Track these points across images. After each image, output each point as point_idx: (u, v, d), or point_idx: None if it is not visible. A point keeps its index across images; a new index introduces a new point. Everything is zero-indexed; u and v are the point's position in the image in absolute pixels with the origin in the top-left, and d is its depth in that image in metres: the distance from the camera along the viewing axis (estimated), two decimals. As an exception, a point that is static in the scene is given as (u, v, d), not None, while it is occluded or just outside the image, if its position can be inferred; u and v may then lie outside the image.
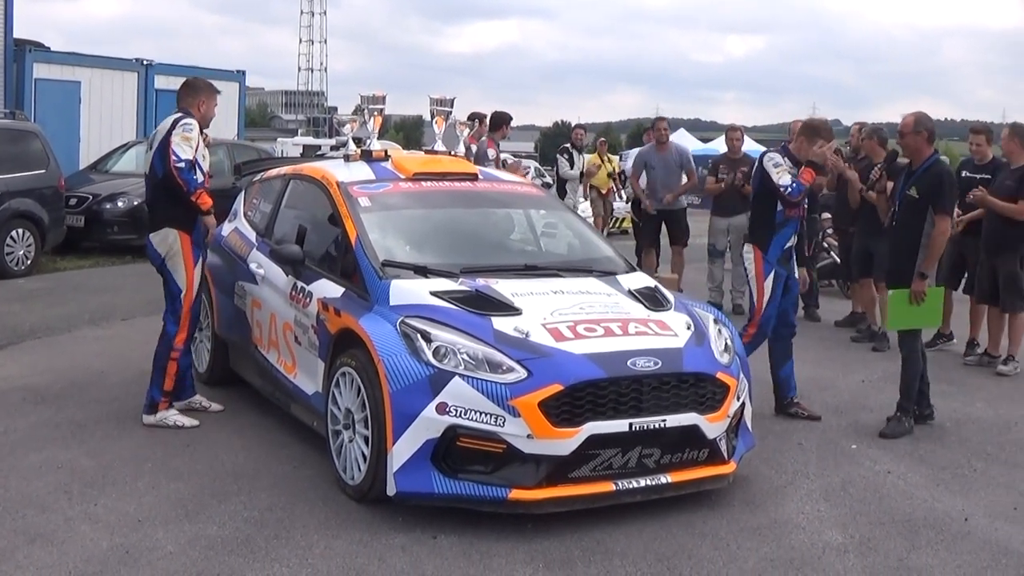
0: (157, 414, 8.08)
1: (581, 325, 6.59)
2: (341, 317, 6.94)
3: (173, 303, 8.16)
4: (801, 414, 8.82)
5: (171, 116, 8.16)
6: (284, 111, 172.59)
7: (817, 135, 8.78)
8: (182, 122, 8.02)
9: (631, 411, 6.27)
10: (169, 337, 8.14)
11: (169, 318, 8.17)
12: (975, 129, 12.00)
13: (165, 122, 8.13)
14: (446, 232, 8.06)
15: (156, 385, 8.10)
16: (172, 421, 8.06)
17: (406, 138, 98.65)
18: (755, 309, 8.85)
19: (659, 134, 14.97)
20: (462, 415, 6.06)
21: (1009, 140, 11.12)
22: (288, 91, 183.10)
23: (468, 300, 6.76)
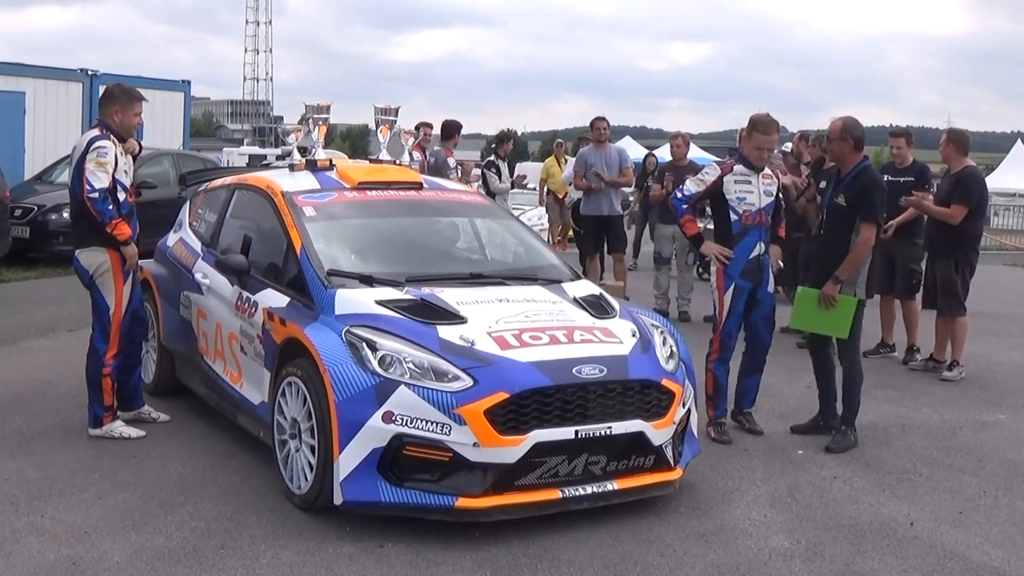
0: (103, 427, 8.01)
1: (526, 333, 6.61)
2: (286, 327, 6.92)
3: (101, 320, 8.03)
4: (744, 425, 8.82)
5: (88, 132, 8.01)
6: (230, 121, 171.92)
7: (753, 129, 8.62)
8: (95, 145, 7.80)
9: (577, 418, 6.28)
10: (99, 354, 8.03)
11: (97, 336, 8.04)
12: (896, 133, 12.15)
13: (82, 139, 7.96)
14: (391, 241, 8.06)
15: (96, 402, 8.02)
16: (118, 433, 7.99)
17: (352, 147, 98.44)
18: (716, 322, 8.77)
19: (597, 133, 15.01)
20: (408, 424, 6.06)
21: (946, 146, 11.20)
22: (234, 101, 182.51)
23: (413, 309, 6.76)
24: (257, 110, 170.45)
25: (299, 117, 9.29)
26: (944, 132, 11.51)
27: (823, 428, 8.66)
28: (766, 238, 8.67)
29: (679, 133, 15.23)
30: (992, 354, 12.68)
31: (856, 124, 8.46)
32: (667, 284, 14.73)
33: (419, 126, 14.47)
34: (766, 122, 8.62)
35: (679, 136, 15.08)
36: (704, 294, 14.11)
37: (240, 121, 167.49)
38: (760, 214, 8.59)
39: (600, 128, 15.00)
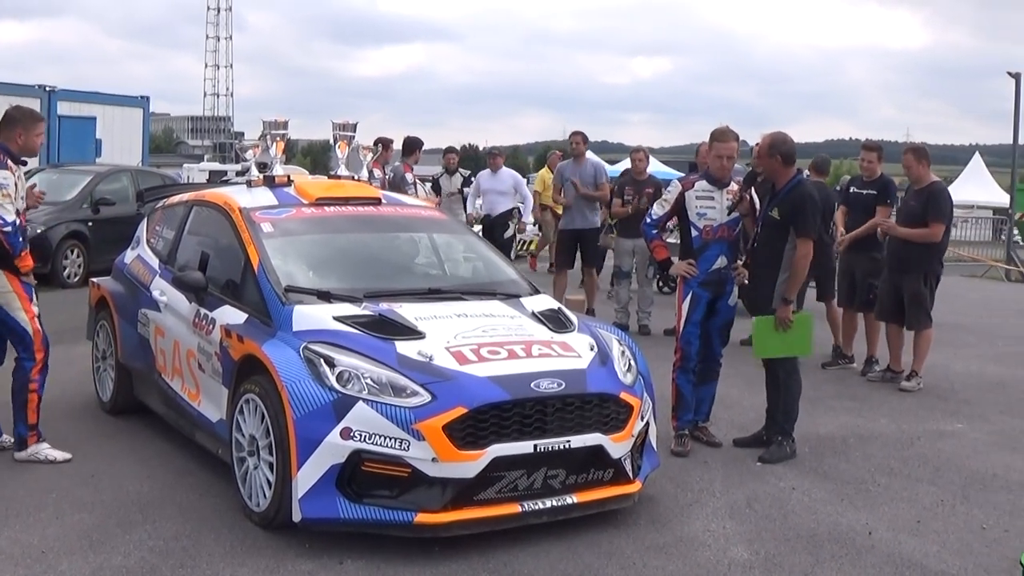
0: (28, 449, 7.91)
1: (485, 348, 6.63)
2: (244, 343, 6.91)
3: (22, 340, 7.93)
4: (701, 438, 8.84)
5: None
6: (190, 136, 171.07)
7: (713, 140, 8.71)
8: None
9: (536, 432, 6.30)
10: (25, 371, 7.93)
11: (22, 354, 7.96)
12: (868, 146, 12.18)
13: None
14: (349, 257, 8.06)
15: (20, 421, 7.92)
16: (44, 455, 7.88)
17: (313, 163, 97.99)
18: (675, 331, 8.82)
19: (574, 148, 15.06)
20: (366, 440, 6.06)
21: (918, 163, 11.12)
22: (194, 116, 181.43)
23: (371, 324, 6.76)
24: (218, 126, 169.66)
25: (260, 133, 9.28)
26: (909, 148, 11.47)
27: (767, 442, 8.66)
28: (730, 252, 8.70)
29: (640, 148, 15.30)
30: (950, 364, 12.77)
31: (784, 140, 8.48)
32: (627, 298, 14.75)
33: (378, 142, 14.45)
34: (722, 131, 8.72)
35: (641, 150, 15.14)
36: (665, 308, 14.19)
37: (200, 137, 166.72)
38: (723, 229, 8.62)
39: (575, 142, 15.03)
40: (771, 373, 8.67)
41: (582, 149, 15.02)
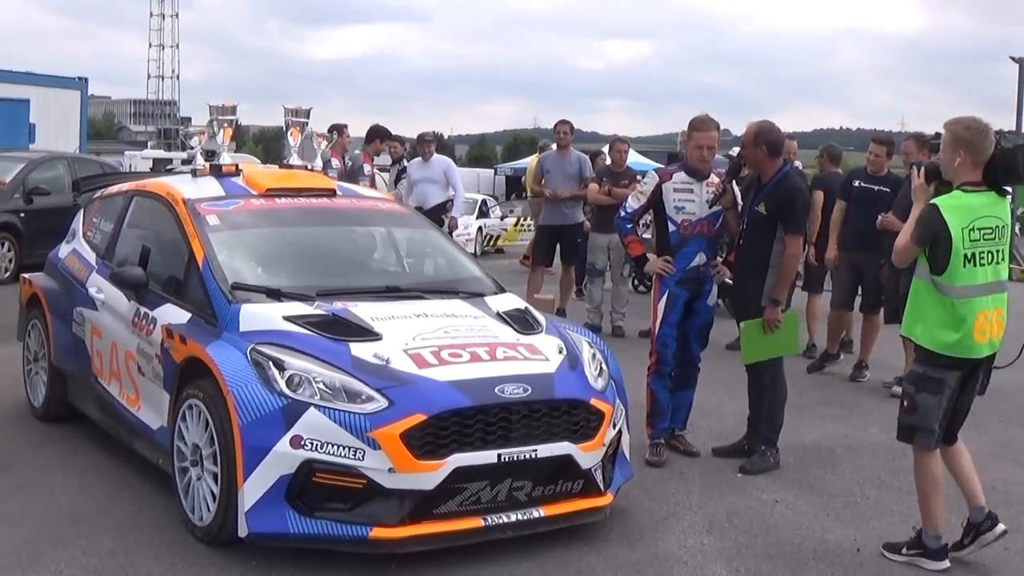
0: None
1: (446, 350, 6.65)
2: (187, 345, 6.91)
3: None
4: (678, 447, 8.88)
5: None
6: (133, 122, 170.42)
7: (692, 129, 8.73)
8: None
9: (500, 441, 6.33)
10: None
11: None
12: (879, 140, 12.18)
13: None
14: (301, 252, 8.08)
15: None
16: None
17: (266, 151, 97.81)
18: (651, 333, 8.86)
19: (559, 137, 15.10)
20: (318, 448, 6.07)
21: (918, 152, 11.21)
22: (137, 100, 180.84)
23: (324, 325, 6.77)
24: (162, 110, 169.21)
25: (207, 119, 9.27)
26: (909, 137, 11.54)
27: (748, 452, 8.69)
28: (709, 249, 8.74)
29: (624, 139, 15.38)
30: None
31: (770, 128, 8.51)
32: (600, 297, 14.80)
33: (332, 128, 14.44)
34: (702, 119, 8.73)
35: (624, 142, 15.20)
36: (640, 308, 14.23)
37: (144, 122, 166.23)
38: (702, 224, 8.65)
39: (562, 132, 15.04)
40: (754, 378, 8.71)
41: (569, 140, 15.07)
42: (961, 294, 6.47)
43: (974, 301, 6.47)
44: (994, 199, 6.59)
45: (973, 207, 6.48)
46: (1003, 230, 6.60)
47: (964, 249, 6.43)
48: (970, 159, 6.51)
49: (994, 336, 6.60)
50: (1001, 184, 6.62)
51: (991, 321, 6.55)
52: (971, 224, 6.44)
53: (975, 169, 6.52)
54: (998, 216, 6.58)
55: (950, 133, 6.60)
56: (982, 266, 6.49)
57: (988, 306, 6.52)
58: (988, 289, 6.53)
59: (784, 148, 8.71)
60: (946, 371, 6.55)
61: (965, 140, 6.53)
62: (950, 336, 6.47)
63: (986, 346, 6.58)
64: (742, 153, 8.90)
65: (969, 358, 6.56)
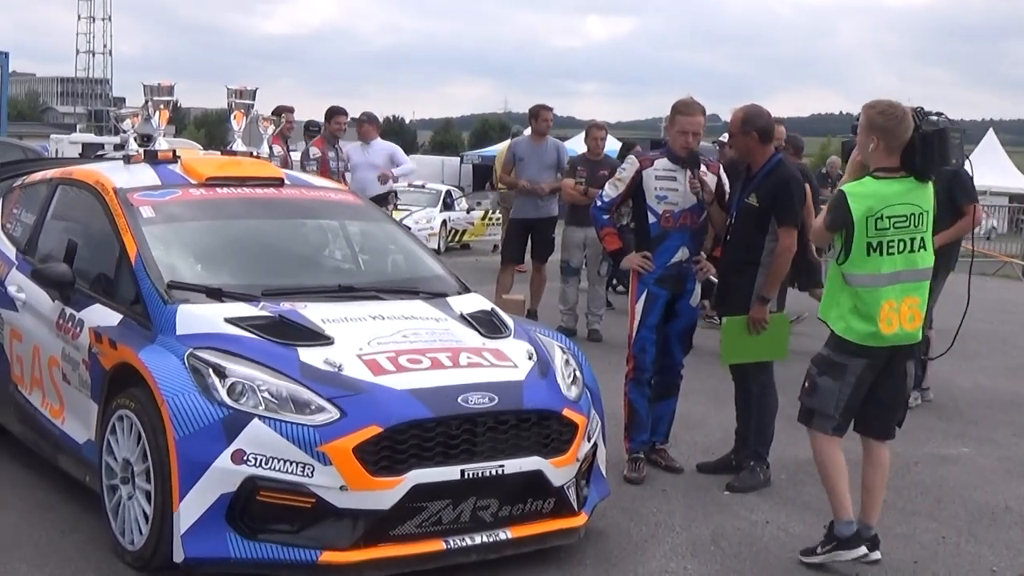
0: None
1: (404, 356, 6.66)
2: (117, 350, 6.88)
3: None
4: (659, 463, 8.90)
5: None
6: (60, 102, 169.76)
7: (676, 113, 8.69)
8: None
9: (463, 456, 6.34)
10: None
11: None
12: None
13: None
14: (245, 248, 8.09)
15: None
16: None
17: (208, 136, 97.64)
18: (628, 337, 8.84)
19: (542, 124, 15.07)
20: (263, 464, 6.07)
21: None
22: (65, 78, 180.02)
23: (270, 328, 6.77)
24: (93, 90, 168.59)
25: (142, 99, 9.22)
26: None
27: (736, 468, 8.72)
28: (692, 243, 8.73)
29: (602, 124, 15.35)
30: (954, 378, 12.89)
31: (759, 113, 8.54)
32: (575, 298, 14.81)
33: (278, 111, 14.38)
34: (687, 102, 8.71)
35: (601, 128, 15.18)
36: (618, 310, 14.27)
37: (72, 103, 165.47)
38: (686, 215, 8.63)
39: (545, 118, 15.06)
40: (742, 387, 8.74)
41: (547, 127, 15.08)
42: (863, 283, 6.74)
43: (878, 291, 6.73)
44: (911, 185, 6.80)
45: (883, 195, 6.72)
46: (920, 217, 6.81)
47: (868, 238, 6.68)
48: (883, 145, 6.75)
49: (907, 326, 6.83)
50: (919, 170, 6.81)
51: (899, 311, 6.78)
52: (878, 212, 6.68)
53: (889, 155, 6.76)
54: (915, 203, 6.80)
55: (865, 117, 6.83)
56: (890, 255, 6.73)
57: (895, 296, 6.76)
58: (895, 279, 6.77)
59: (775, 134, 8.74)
60: (850, 357, 6.83)
61: (879, 126, 6.76)
62: (859, 324, 6.76)
63: (895, 336, 6.81)
64: (729, 141, 8.91)
65: (876, 347, 6.80)
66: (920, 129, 6.74)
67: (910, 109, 6.80)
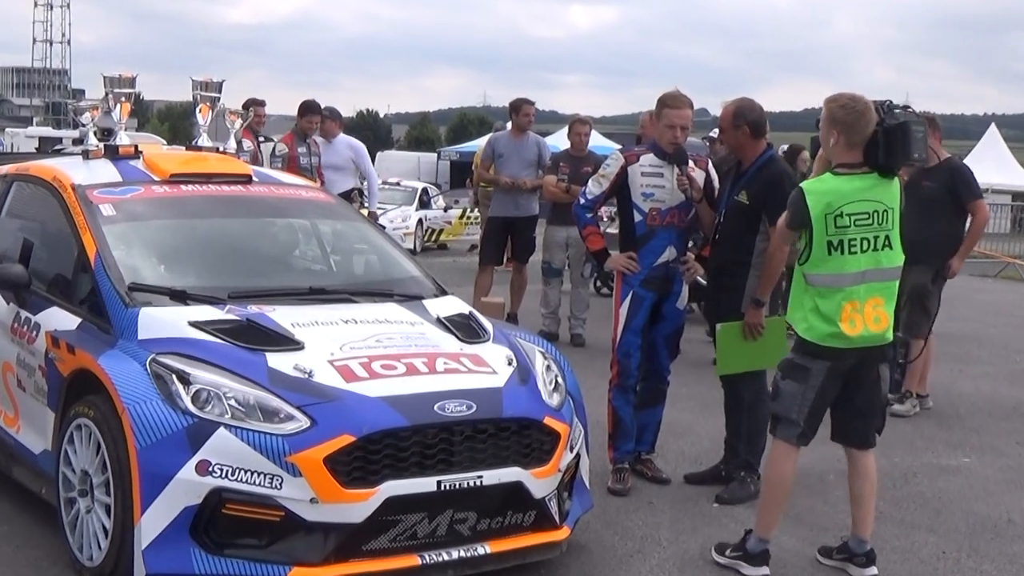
0: None
1: (378, 362, 6.66)
2: (76, 355, 6.86)
3: None
4: (645, 473, 8.90)
5: None
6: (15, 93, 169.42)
7: (663, 106, 8.67)
8: None
9: (440, 466, 6.34)
10: None
11: None
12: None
13: None
14: (211, 248, 8.09)
15: None
16: None
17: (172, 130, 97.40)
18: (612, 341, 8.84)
19: (524, 120, 15.10)
20: (229, 475, 6.05)
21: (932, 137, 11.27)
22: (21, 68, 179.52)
23: (237, 332, 6.76)
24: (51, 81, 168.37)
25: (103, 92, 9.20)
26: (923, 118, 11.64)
27: (726, 479, 8.72)
28: (679, 243, 8.74)
29: (586, 119, 15.36)
30: (954, 384, 12.94)
31: (751, 106, 8.55)
32: (557, 301, 14.82)
33: (248, 105, 14.35)
34: (675, 95, 8.71)
35: (585, 123, 15.18)
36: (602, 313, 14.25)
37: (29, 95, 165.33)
38: (673, 213, 8.63)
39: (528, 114, 15.08)
40: (733, 394, 8.74)
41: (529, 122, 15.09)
42: (825, 283, 6.80)
43: (841, 291, 6.79)
44: (874, 182, 6.87)
45: (843, 191, 6.79)
46: (885, 214, 6.88)
47: (828, 236, 6.75)
48: (844, 140, 6.82)
49: (872, 327, 6.88)
50: (882, 166, 6.87)
51: (863, 312, 6.82)
52: (838, 210, 6.74)
53: (851, 150, 6.83)
54: (878, 200, 6.87)
55: (827, 111, 6.90)
56: (853, 254, 6.79)
57: (859, 296, 6.81)
58: (861, 278, 6.82)
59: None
60: (813, 360, 6.87)
61: (839, 120, 6.83)
62: (820, 324, 6.81)
63: (860, 338, 6.84)
64: (720, 137, 8.91)
65: (839, 349, 6.84)
66: (884, 123, 6.78)
67: (873, 103, 6.84)
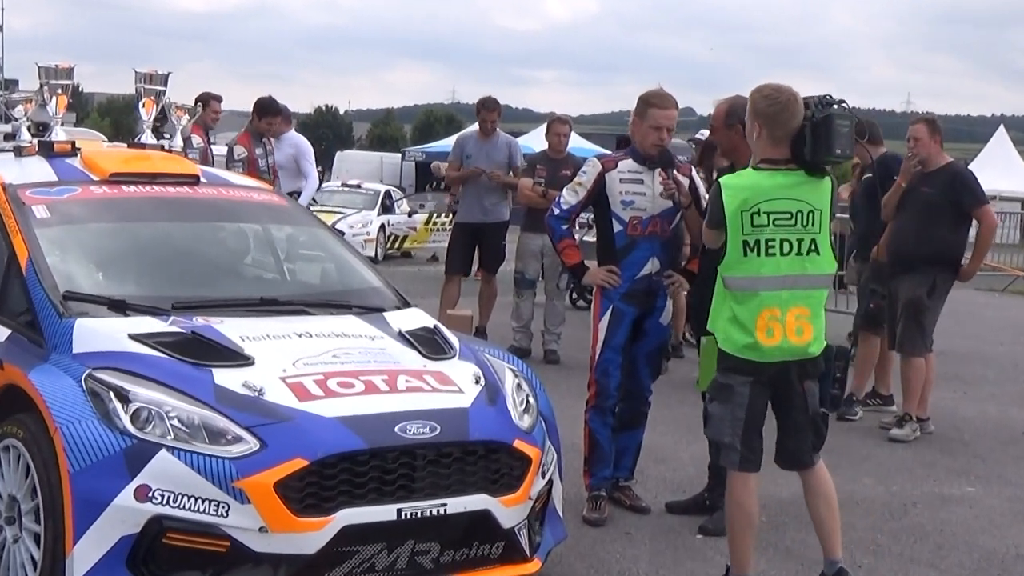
0: None
1: (334, 379, 6.64)
2: (4, 370, 6.83)
3: None
4: (623, 501, 8.91)
5: None
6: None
7: (647, 105, 8.64)
8: None
9: (400, 493, 6.32)
10: None
11: None
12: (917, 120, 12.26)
13: None
14: (154, 254, 8.07)
15: None
16: None
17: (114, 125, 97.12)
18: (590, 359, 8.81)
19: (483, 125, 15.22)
20: (171, 502, 6.01)
21: (931, 140, 11.37)
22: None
23: (181, 346, 6.72)
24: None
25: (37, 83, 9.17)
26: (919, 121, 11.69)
27: (710, 508, 8.70)
28: (662, 254, 8.71)
29: (565, 119, 15.40)
30: (958, 406, 12.96)
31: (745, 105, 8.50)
32: (530, 314, 14.83)
33: (200, 99, 14.33)
34: (661, 94, 8.72)
35: (565, 122, 15.22)
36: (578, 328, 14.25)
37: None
38: (655, 223, 8.62)
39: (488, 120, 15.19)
40: None
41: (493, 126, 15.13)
42: (740, 286, 6.84)
43: (757, 296, 6.80)
44: (800, 179, 6.87)
45: (762, 187, 6.80)
46: (810, 216, 6.85)
47: (744, 235, 6.76)
48: (767, 134, 6.86)
49: (794, 339, 6.86)
50: (809, 161, 6.86)
51: (783, 322, 6.81)
52: (754, 207, 6.75)
53: (775, 145, 6.85)
54: (802, 199, 6.85)
55: (750, 102, 6.98)
56: (771, 256, 6.78)
57: (778, 304, 6.81)
58: (778, 284, 6.81)
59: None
60: (734, 375, 6.92)
61: (761, 112, 6.88)
62: (737, 334, 6.86)
63: (779, 350, 6.85)
64: (712, 137, 8.91)
65: (758, 363, 6.86)
66: (812, 117, 6.78)
67: (799, 95, 6.86)
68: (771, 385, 6.92)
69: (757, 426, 6.97)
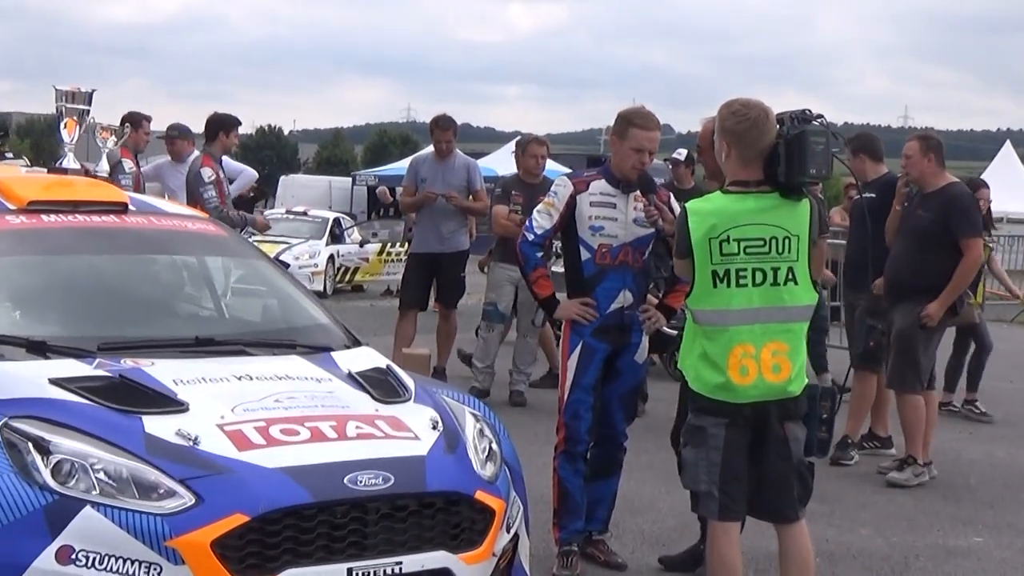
0: None
1: (277, 426, 6.61)
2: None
3: None
4: (597, 557, 8.91)
5: None
6: None
7: (629, 124, 8.61)
8: None
9: (351, 551, 6.29)
10: None
11: None
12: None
13: None
14: (78, 290, 8.04)
15: None
16: None
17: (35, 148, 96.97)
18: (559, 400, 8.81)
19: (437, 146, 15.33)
20: (96, 565, 5.97)
21: (923, 157, 11.40)
22: None
23: (108, 391, 6.69)
24: None
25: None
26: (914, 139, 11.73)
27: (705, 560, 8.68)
28: (635, 286, 8.71)
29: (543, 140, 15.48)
30: (964, 449, 13.00)
31: None
32: (495, 352, 14.81)
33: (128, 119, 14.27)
34: (644, 114, 8.75)
35: (542, 143, 15.27)
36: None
37: None
38: (626, 251, 8.63)
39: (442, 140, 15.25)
40: None
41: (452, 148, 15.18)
42: (709, 320, 6.80)
43: (727, 332, 6.76)
44: (774, 202, 6.85)
45: (732, 212, 6.77)
46: (786, 242, 6.82)
47: (712, 264, 6.72)
48: (736, 154, 6.83)
49: (770, 377, 6.83)
50: (783, 182, 6.85)
51: (758, 359, 6.76)
52: (723, 233, 6.71)
53: (745, 166, 6.84)
54: (777, 224, 6.83)
55: (718, 119, 6.94)
56: (742, 287, 6.76)
57: (752, 339, 6.77)
58: (751, 317, 6.78)
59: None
60: (705, 417, 6.87)
61: (729, 130, 6.85)
62: (708, 373, 6.82)
63: (754, 389, 6.80)
64: (700, 158, 8.91)
65: (732, 404, 6.80)
66: (786, 135, 6.76)
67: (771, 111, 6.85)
68: (749, 427, 6.86)
69: (736, 470, 6.88)
